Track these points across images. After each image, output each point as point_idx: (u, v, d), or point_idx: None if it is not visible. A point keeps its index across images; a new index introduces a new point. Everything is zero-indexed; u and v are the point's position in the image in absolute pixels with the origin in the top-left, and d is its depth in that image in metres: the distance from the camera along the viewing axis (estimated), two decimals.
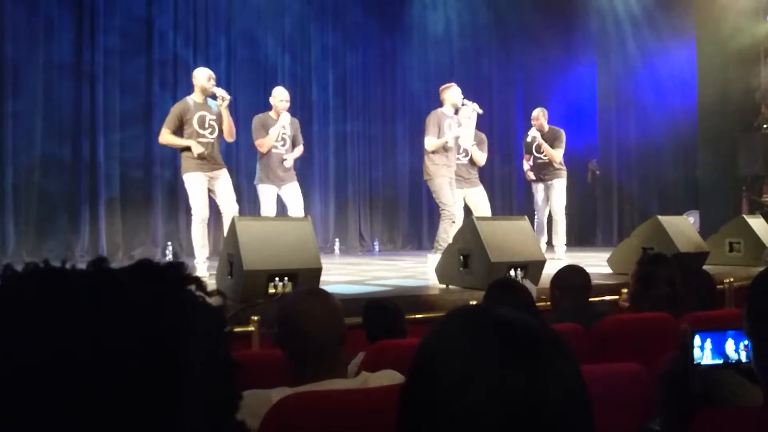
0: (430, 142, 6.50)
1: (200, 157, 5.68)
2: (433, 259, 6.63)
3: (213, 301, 0.77)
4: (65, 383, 0.63)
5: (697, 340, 1.38)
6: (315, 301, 1.90)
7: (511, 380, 0.73)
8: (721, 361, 1.39)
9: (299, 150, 6.55)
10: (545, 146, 7.60)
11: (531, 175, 7.85)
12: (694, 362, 1.38)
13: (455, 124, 6.60)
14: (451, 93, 6.67)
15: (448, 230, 6.39)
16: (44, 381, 0.63)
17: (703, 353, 1.38)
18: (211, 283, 4.15)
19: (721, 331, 1.39)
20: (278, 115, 6.33)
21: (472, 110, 6.68)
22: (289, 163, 6.38)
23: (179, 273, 0.75)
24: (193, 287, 0.76)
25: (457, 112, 6.67)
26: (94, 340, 0.64)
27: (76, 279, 0.69)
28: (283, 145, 6.38)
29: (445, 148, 6.51)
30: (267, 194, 6.32)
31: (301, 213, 6.32)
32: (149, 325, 0.67)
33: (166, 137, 5.82)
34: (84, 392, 0.63)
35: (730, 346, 1.39)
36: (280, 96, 6.37)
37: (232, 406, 0.74)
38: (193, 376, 0.69)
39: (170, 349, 0.68)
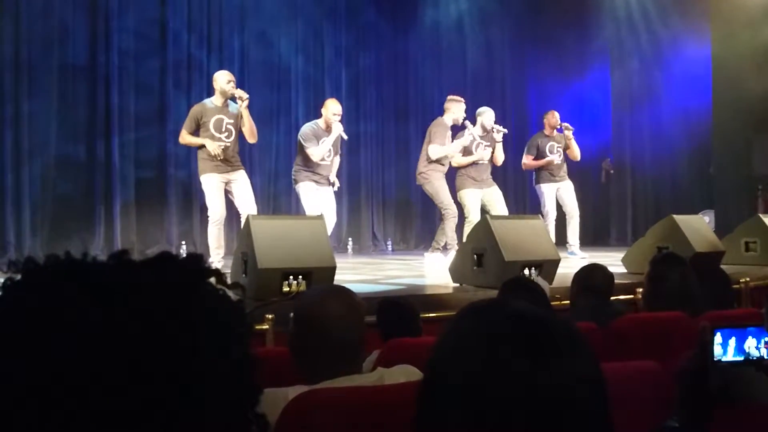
0: (435, 150, 6.80)
1: (215, 156, 5.72)
2: (430, 257, 6.74)
3: (232, 294, 0.77)
4: (87, 375, 0.63)
5: (718, 337, 1.36)
6: (337, 300, 1.86)
7: (530, 377, 0.73)
8: (742, 358, 1.38)
9: (337, 160, 6.68)
10: (574, 144, 7.74)
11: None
12: (715, 359, 1.37)
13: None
14: (458, 107, 6.97)
15: (454, 229, 6.60)
16: (64, 373, 0.63)
17: (726, 350, 1.37)
18: None
19: (741, 328, 1.38)
20: (327, 126, 6.37)
21: (501, 134, 7.10)
22: (332, 177, 6.60)
23: (199, 265, 0.75)
24: (213, 280, 0.76)
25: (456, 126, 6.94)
26: (115, 331, 0.65)
27: (98, 270, 0.70)
28: (329, 156, 6.44)
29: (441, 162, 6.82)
30: (310, 191, 6.35)
31: (334, 217, 6.44)
32: (170, 317, 0.68)
33: (183, 138, 5.92)
34: (105, 383, 0.63)
35: (750, 343, 1.38)
36: (333, 109, 6.40)
37: (253, 399, 0.74)
38: (213, 368, 0.69)
39: (191, 341, 0.68)
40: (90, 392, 0.62)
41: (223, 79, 5.88)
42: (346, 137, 6.53)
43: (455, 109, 6.94)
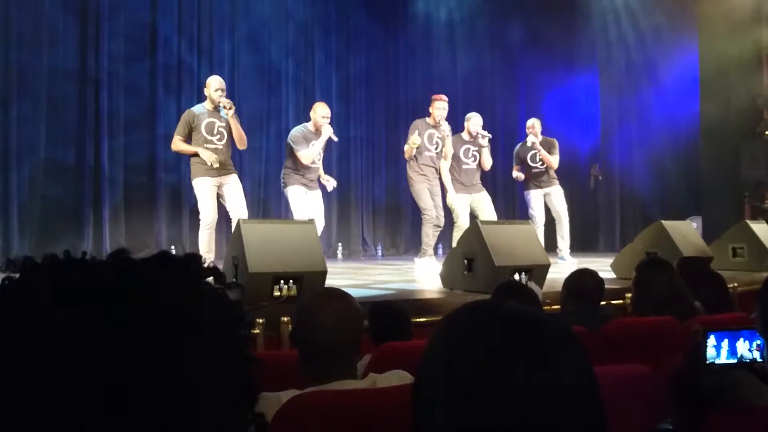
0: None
1: (211, 164, 5.71)
2: (420, 263, 6.77)
3: (231, 294, 0.77)
4: (85, 372, 0.63)
5: (711, 339, 1.37)
6: (335, 302, 1.88)
7: (523, 377, 0.73)
8: (734, 361, 1.39)
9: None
10: (543, 153, 7.66)
11: (521, 176, 7.86)
12: (708, 362, 1.37)
13: (436, 134, 6.88)
14: (434, 106, 6.96)
15: (430, 233, 6.69)
16: (62, 370, 0.63)
17: (719, 353, 1.37)
18: None
19: (734, 331, 1.39)
20: (316, 129, 6.37)
21: (487, 139, 7.13)
22: (328, 181, 6.57)
23: (198, 265, 0.75)
24: (211, 279, 0.76)
25: (435, 126, 6.90)
26: (115, 329, 0.65)
27: (98, 269, 0.69)
28: (319, 159, 6.45)
29: (419, 152, 6.82)
30: (298, 195, 6.33)
31: (323, 221, 6.40)
32: (169, 315, 0.68)
33: (177, 144, 5.90)
34: (104, 380, 0.63)
35: (743, 345, 1.39)
36: (322, 112, 6.41)
37: (251, 399, 0.74)
38: (212, 367, 0.69)
39: (190, 339, 0.68)
40: (89, 389, 0.62)
41: (212, 86, 5.89)
42: (336, 139, 6.53)
43: (433, 107, 6.99)
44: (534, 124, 7.84)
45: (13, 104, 7.71)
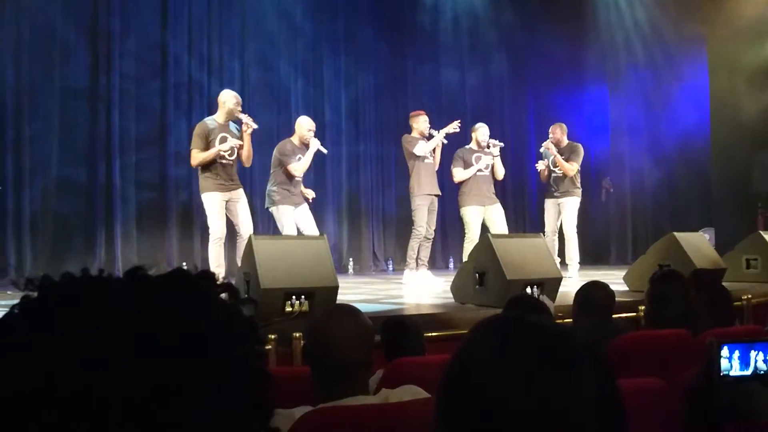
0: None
1: (221, 158, 5.75)
2: (408, 275, 6.86)
3: (245, 309, 0.78)
4: (104, 388, 0.63)
5: (725, 351, 1.37)
6: (347, 319, 1.89)
7: (549, 389, 0.73)
8: (749, 373, 1.38)
9: None
10: (558, 158, 7.53)
11: (543, 172, 7.75)
12: (722, 374, 1.37)
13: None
14: (420, 120, 7.20)
15: (415, 248, 6.96)
16: (82, 387, 0.63)
17: (732, 365, 1.37)
18: None
19: (748, 343, 1.38)
20: (301, 143, 6.44)
21: (498, 148, 7.29)
22: (308, 192, 6.66)
23: (212, 281, 0.76)
24: (225, 295, 0.77)
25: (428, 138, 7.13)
26: (132, 345, 0.65)
27: (115, 286, 0.70)
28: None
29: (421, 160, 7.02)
30: (288, 215, 6.40)
31: (316, 231, 6.45)
32: (185, 331, 0.68)
33: (196, 158, 5.86)
34: (121, 396, 0.63)
35: (757, 357, 1.38)
36: (308, 125, 6.49)
37: (267, 414, 0.75)
38: (227, 383, 0.69)
39: (206, 355, 0.68)
40: (103, 407, 0.63)
41: (231, 100, 5.95)
42: (326, 151, 6.59)
43: (419, 122, 7.08)
44: (554, 130, 7.71)
45: (25, 122, 7.79)
